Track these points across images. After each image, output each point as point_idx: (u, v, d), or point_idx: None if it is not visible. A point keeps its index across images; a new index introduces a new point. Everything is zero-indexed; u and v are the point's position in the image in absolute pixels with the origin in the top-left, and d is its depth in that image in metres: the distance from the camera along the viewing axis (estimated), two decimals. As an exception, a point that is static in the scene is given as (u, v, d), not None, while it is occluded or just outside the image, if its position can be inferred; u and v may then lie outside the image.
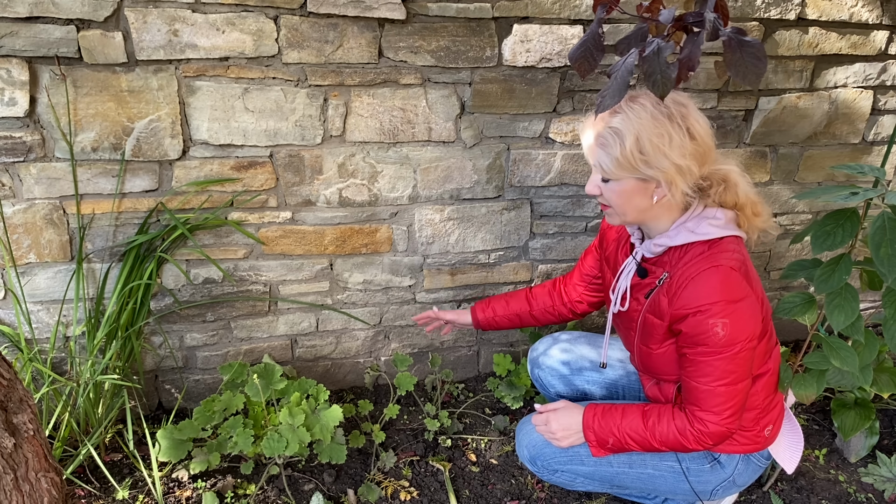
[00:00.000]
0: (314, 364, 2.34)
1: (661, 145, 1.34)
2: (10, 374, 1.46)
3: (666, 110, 1.35)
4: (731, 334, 1.38)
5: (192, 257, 2.01)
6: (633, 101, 1.36)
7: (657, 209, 1.45)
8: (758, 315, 1.44)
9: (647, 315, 1.54)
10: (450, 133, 2.02)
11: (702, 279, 1.40)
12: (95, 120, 1.76)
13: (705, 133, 1.39)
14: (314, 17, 1.76)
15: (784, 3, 2.03)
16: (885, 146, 2.42)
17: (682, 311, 1.42)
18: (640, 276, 1.57)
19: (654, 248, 1.51)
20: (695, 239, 1.44)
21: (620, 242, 1.69)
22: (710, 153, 1.41)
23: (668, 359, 1.55)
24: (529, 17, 1.89)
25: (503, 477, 2.07)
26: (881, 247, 1.43)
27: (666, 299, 1.47)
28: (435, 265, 2.24)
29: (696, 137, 1.36)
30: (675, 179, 1.37)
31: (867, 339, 1.72)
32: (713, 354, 1.41)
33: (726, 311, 1.38)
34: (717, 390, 1.44)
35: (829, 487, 2.06)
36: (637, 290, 1.58)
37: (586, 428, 1.61)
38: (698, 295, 1.40)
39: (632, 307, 1.60)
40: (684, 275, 1.43)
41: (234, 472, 2.01)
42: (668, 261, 1.49)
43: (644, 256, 1.55)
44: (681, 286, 1.43)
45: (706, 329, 1.39)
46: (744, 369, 1.43)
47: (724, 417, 1.46)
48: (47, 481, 1.53)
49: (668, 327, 1.49)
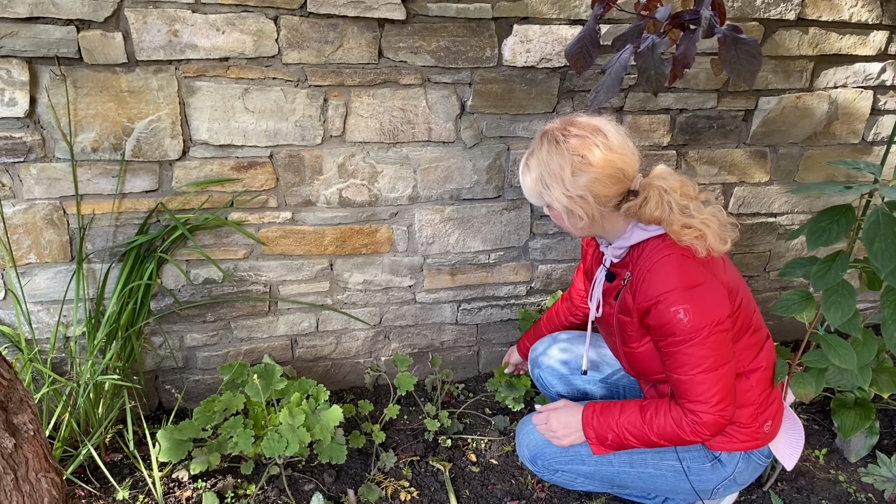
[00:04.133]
0: (314, 364, 2.35)
1: (555, 179, 1.45)
2: (10, 374, 1.46)
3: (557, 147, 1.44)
4: (694, 319, 1.41)
5: (193, 257, 2.01)
6: (542, 137, 1.48)
7: (595, 226, 1.53)
8: (722, 299, 1.45)
9: (619, 316, 1.59)
10: (450, 133, 2.02)
11: (657, 269, 1.45)
12: (95, 120, 1.76)
13: (607, 159, 1.42)
14: (314, 18, 1.77)
15: (784, 3, 2.04)
16: (884, 146, 2.42)
17: (645, 304, 1.47)
18: (609, 281, 1.63)
19: (616, 251, 1.58)
20: (648, 235, 1.50)
21: (594, 254, 1.75)
22: (620, 174, 1.44)
23: (651, 356, 1.57)
24: (529, 17, 1.89)
25: (503, 477, 2.07)
26: (875, 241, 1.43)
27: (630, 296, 1.52)
28: (435, 265, 2.24)
29: (595, 165, 1.42)
30: (573, 208, 1.46)
31: (866, 339, 1.71)
32: (684, 343, 1.43)
33: (685, 297, 1.41)
34: (697, 378, 1.45)
35: (829, 487, 2.06)
36: (608, 294, 1.64)
37: (586, 425, 1.61)
38: (656, 284, 1.44)
39: (606, 312, 1.65)
40: (642, 269, 1.49)
41: (235, 472, 2.01)
42: (630, 260, 1.55)
43: (612, 262, 1.61)
44: (640, 280, 1.48)
45: (670, 317, 1.42)
46: (719, 353, 1.45)
47: (713, 405, 1.46)
48: (47, 481, 1.53)
49: (640, 323, 1.53)
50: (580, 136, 1.43)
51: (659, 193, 1.45)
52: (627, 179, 1.46)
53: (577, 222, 1.51)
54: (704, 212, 1.47)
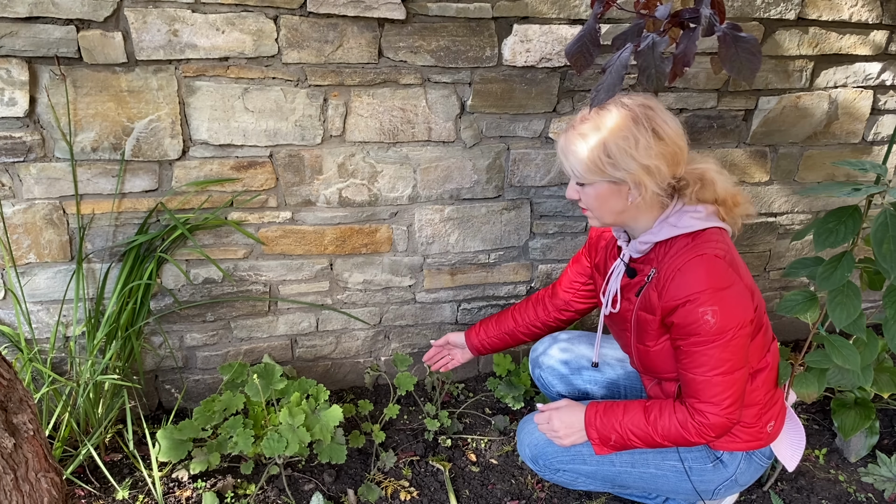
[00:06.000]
0: (314, 364, 2.34)
1: (626, 147, 1.39)
2: (10, 374, 1.46)
3: (630, 113, 1.39)
4: (721, 321, 1.40)
5: (192, 257, 2.01)
6: (601, 107, 1.42)
7: (633, 210, 1.49)
8: (747, 302, 1.45)
9: (639, 312, 1.56)
10: (450, 133, 2.02)
11: (688, 269, 1.43)
12: (95, 120, 1.76)
13: (674, 133, 1.42)
14: (314, 17, 1.77)
15: (784, 3, 2.03)
16: (884, 146, 2.42)
17: (672, 303, 1.44)
18: (629, 277, 1.59)
19: (640, 246, 1.54)
20: (678, 233, 1.47)
21: (608, 248, 1.72)
22: (681, 153, 1.44)
23: (665, 355, 1.56)
24: (529, 17, 1.89)
25: (503, 477, 2.07)
26: (883, 243, 1.43)
27: (655, 293, 1.49)
28: (435, 265, 2.24)
29: (664, 138, 1.40)
30: (643, 180, 1.41)
31: (868, 339, 1.72)
32: (706, 343, 1.42)
33: (715, 299, 1.40)
34: (713, 380, 1.44)
35: (829, 487, 2.06)
36: (627, 290, 1.60)
37: (588, 425, 1.61)
38: (686, 285, 1.42)
39: (623, 307, 1.62)
40: (671, 267, 1.46)
41: (234, 472, 2.01)
42: (655, 257, 1.51)
43: (632, 257, 1.58)
44: (668, 278, 1.46)
45: (697, 318, 1.41)
46: (738, 357, 1.44)
47: (723, 408, 1.46)
48: (47, 481, 1.53)
49: (661, 321, 1.51)
50: (647, 107, 1.41)
51: (718, 174, 1.48)
52: (684, 162, 1.45)
53: (623, 204, 1.46)
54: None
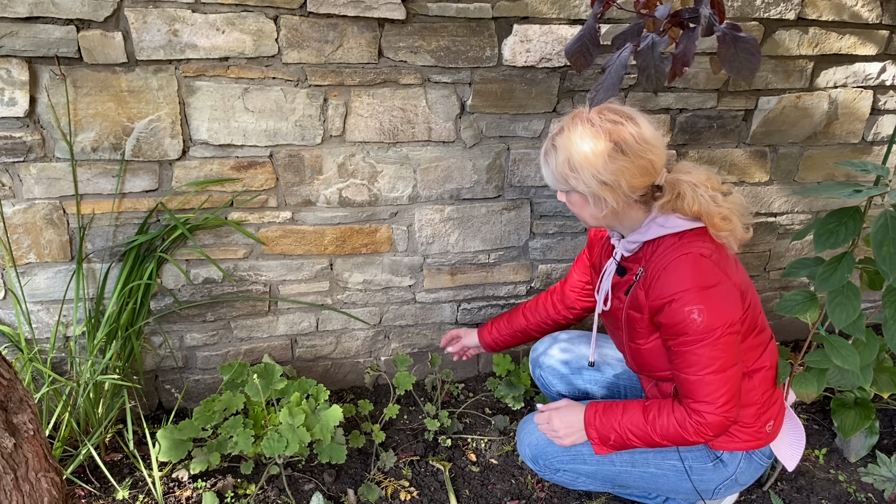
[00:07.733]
0: (314, 364, 2.34)
1: (585, 162, 1.40)
2: (10, 374, 1.46)
3: (593, 129, 1.40)
4: (708, 320, 1.40)
5: (192, 257, 2.01)
6: (573, 121, 1.44)
7: (611, 216, 1.51)
8: (735, 300, 1.45)
9: (628, 311, 1.57)
10: (450, 133, 2.02)
11: (673, 268, 1.44)
12: (95, 120, 1.76)
13: (643, 147, 1.41)
14: (314, 17, 1.77)
15: (784, 3, 2.04)
16: (884, 146, 2.42)
17: (658, 302, 1.45)
18: (619, 275, 1.61)
19: (629, 245, 1.55)
20: (665, 232, 1.48)
21: (604, 247, 1.73)
22: (651, 165, 1.43)
23: (657, 353, 1.56)
24: (529, 17, 1.89)
25: (503, 477, 2.07)
26: (883, 245, 1.43)
27: (643, 292, 1.50)
28: (435, 265, 2.24)
29: (628, 154, 1.40)
30: (602, 194, 1.43)
31: (868, 339, 1.72)
32: (695, 343, 1.42)
33: (700, 297, 1.40)
34: (705, 379, 1.44)
35: (829, 487, 2.06)
36: (617, 288, 1.62)
37: (588, 425, 1.61)
38: (671, 283, 1.43)
39: (614, 306, 1.64)
40: (657, 266, 1.47)
41: (234, 472, 2.01)
42: (644, 256, 1.53)
43: (623, 256, 1.59)
44: (654, 277, 1.46)
45: (684, 317, 1.41)
46: (729, 355, 1.44)
47: (718, 406, 1.46)
48: (47, 481, 1.53)
49: (650, 320, 1.51)
50: (615, 122, 1.41)
51: (691, 188, 1.45)
52: (656, 172, 1.45)
53: (597, 211, 1.48)
54: (728, 201, 1.48)
